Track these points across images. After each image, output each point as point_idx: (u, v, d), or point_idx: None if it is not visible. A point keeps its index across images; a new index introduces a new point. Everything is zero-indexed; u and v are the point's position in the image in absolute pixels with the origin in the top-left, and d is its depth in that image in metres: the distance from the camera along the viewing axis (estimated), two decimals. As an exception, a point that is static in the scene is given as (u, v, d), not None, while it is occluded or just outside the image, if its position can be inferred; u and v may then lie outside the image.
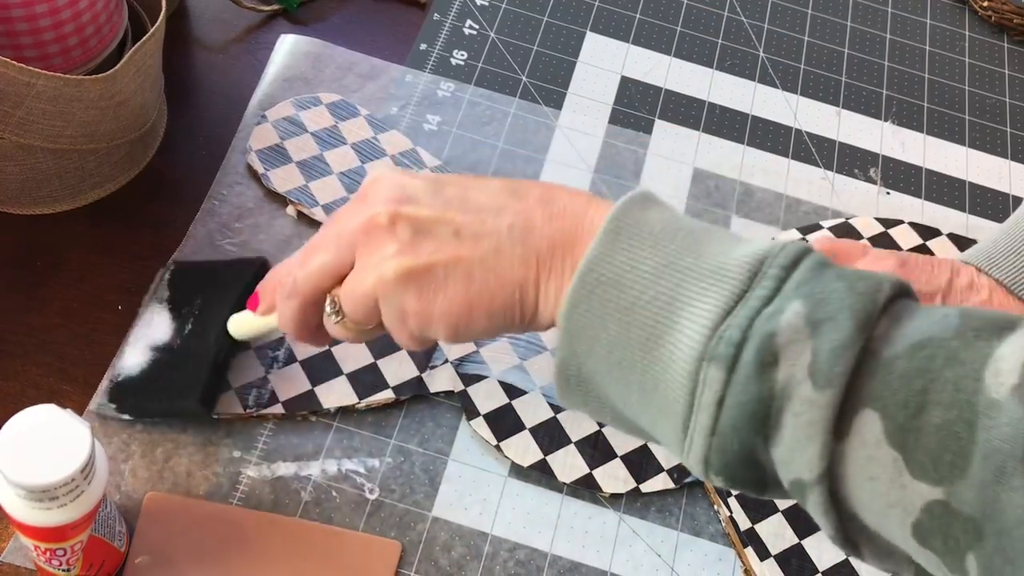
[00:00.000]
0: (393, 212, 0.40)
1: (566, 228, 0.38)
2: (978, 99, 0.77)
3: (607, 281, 0.35)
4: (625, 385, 0.36)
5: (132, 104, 0.56)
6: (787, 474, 0.33)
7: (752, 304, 0.33)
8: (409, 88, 0.69)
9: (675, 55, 0.75)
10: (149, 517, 0.50)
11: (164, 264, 0.58)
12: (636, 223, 0.36)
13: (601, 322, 0.35)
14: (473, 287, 0.38)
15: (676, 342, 0.34)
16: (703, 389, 0.33)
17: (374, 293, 0.40)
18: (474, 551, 0.52)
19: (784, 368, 0.32)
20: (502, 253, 0.38)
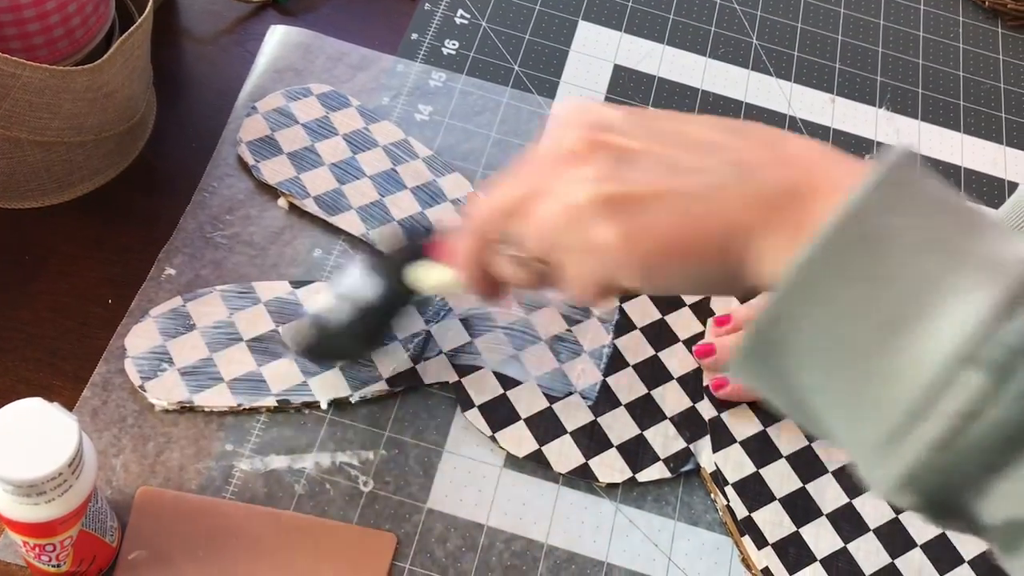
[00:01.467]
0: (592, 139, 0.35)
1: (799, 177, 0.33)
2: (973, 85, 0.77)
3: (863, 240, 0.30)
4: (835, 368, 0.31)
5: (120, 96, 0.56)
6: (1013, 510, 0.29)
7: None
8: (400, 78, 0.68)
9: (668, 43, 0.74)
10: (141, 512, 0.50)
11: (155, 257, 0.57)
12: (912, 184, 0.31)
13: (841, 285, 0.30)
14: (683, 223, 0.33)
15: (933, 332, 0.29)
16: (950, 394, 0.28)
17: (561, 219, 0.35)
18: (470, 542, 0.51)
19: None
20: (721, 190, 0.33)
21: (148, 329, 0.55)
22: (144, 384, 0.53)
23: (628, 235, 0.34)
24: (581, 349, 0.58)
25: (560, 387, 0.56)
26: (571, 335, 0.58)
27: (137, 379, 0.53)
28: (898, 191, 0.31)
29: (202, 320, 0.55)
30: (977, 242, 0.31)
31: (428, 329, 0.57)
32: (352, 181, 0.62)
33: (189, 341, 0.54)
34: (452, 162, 0.64)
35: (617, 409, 0.56)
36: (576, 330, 0.59)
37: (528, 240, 0.37)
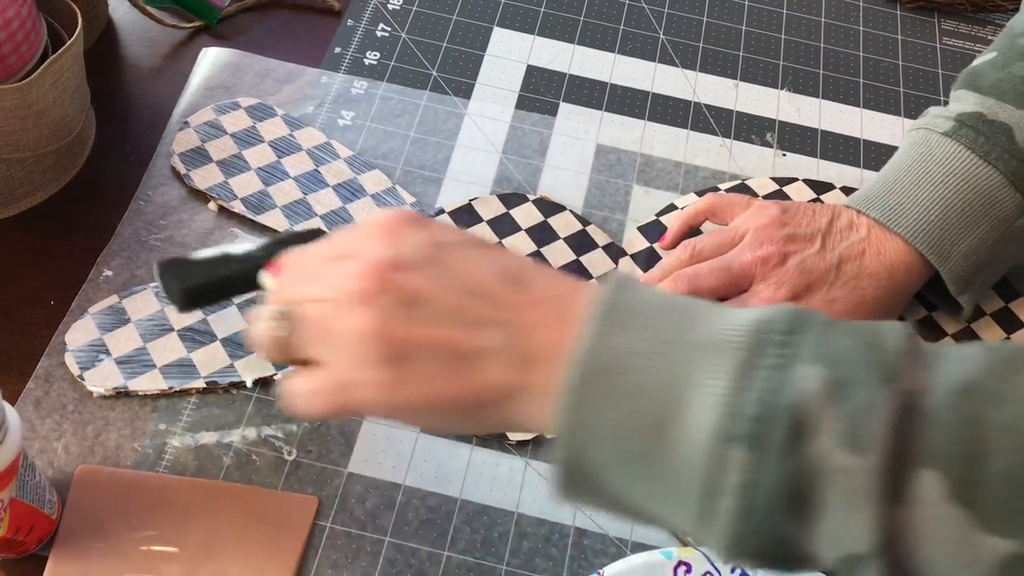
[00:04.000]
0: (383, 279, 0.37)
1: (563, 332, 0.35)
2: (872, 63, 0.81)
3: (605, 367, 0.33)
4: (634, 476, 0.34)
5: (52, 114, 0.61)
6: (835, 551, 0.31)
7: (764, 374, 0.31)
8: (324, 88, 0.73)
9: (579, 43, 0.79)
10: (80, 487, 0.54)
11: (94, 262, 0.62)
12: (626, 303, 0.35)
13: (603, 414, 0.33)
14: (451, 381, 0.35)
15: (689, 424, 0.32)
16: (726, 472, 0.31)
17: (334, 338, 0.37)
18: (387, 501, 0.55)
19: (816, 439, 0.30)
20: (495, 354, 0.35)
21: (87, 325, 0.59)
22: (83, 374, 0.57)
23: (391, 380, 0.36)
24: (493, 322, 0.62)
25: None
26: (484, 310, 0.63)
27: (76, 370, 0.57)
28: (617, 315, 0.34)
29: (136, 314, 0.60)
30: (699, 330, 0.34)
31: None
32: (277, 183, 0.66)
33: (124, 333, 0.59)
34: (373, 161, 0.69)
35: (527, 374, 0.60)
36: (488, 305, 0.63)
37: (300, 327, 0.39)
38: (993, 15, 0.86)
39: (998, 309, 0.66)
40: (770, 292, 0.58)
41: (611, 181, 0.70)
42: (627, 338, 0.34)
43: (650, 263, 0.65)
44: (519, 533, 0.55)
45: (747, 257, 0.59)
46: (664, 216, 0.68)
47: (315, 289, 0.40)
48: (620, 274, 0.37)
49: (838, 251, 0.60)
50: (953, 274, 0.59)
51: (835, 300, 0.58)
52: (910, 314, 0.65)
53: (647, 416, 0.33)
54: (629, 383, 0.33)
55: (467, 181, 0.69)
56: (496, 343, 0.36)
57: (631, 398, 0.33)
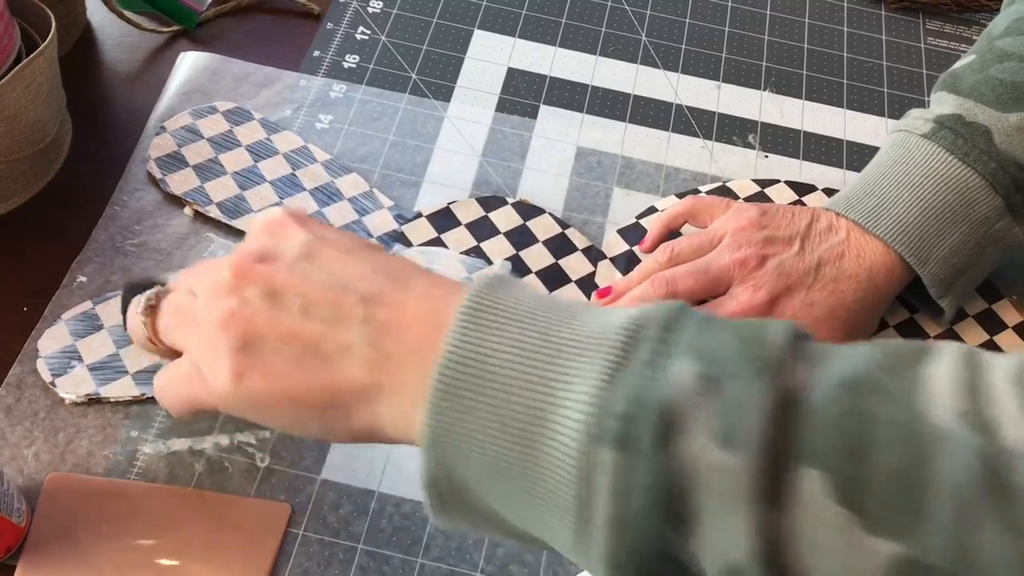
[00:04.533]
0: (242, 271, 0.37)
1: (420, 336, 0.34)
2: (856, 64, 0.81)
3: (472, 370, 0.31)
4: (508, 489, 0.31)
5: (24, 119, 0.60)
6: (715, 561, 0.29)
7: (635, 370, 0.30)
8: (303, 92, 0.73)
9: (560, 45, 0.79)
10: (50, 495, 0.53)
11: (67, 269, 0.62)
12: (497, 303, 0.33)
13: (472, 417, 0.31)
14: (295, 374, 0.34)
15: (558, 426, 0.30)
16: (596, 476, 0.29)
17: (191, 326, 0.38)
18: (361, 507, 0.55)
19: (687, 437, 0.28)
20: (351, 352, 0.34)
21: (59, 331, 0.59)
22: (55, 380, 0.57)
23: (241, 371, 0.35)
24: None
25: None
26: (461, 315, 0.62)
27: (48, 376, 0.57)
28: (486, 315, 0.32)
29: (110, 320, 0.59)
30: (571, 329, 0.32)
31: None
32: (253, 187, 0.66)
33: (97, 340, 0.58)
34: (350, 164, 0.69)
35: (503, 379, 0.60)
36: (465, 310, 0.62)
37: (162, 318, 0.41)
38: (978, 15, 0.86)
39: (981, 311, 0.65)
40: (748, 295, 0.58)
41: (591, 184, 0.70)
42: (494, 338, 0.32)
43: (630, 266, 0.65)
44: (494, 539, 0.54)
45: (725, 260, 0.59)
46: (644, 219, 0.68)
47: (188, 281, 0.41)
48: (493, 273, 0.35)
49: (817, 253, 0.59)
50: (933, 277, 0.59)
51: (814, 303, 0.58)
52: (891, 317, 0.64)
53: (514, 420, 0.30)
54: (495, 386, 0.31)
55: (446, 184, 0.69)
56: (355, 339, 0.34)
57: (497, 402, 0.31)
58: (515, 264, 0.64)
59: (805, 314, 0.58)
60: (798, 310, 0.58)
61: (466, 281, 0.37)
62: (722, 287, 0.59)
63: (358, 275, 0.37)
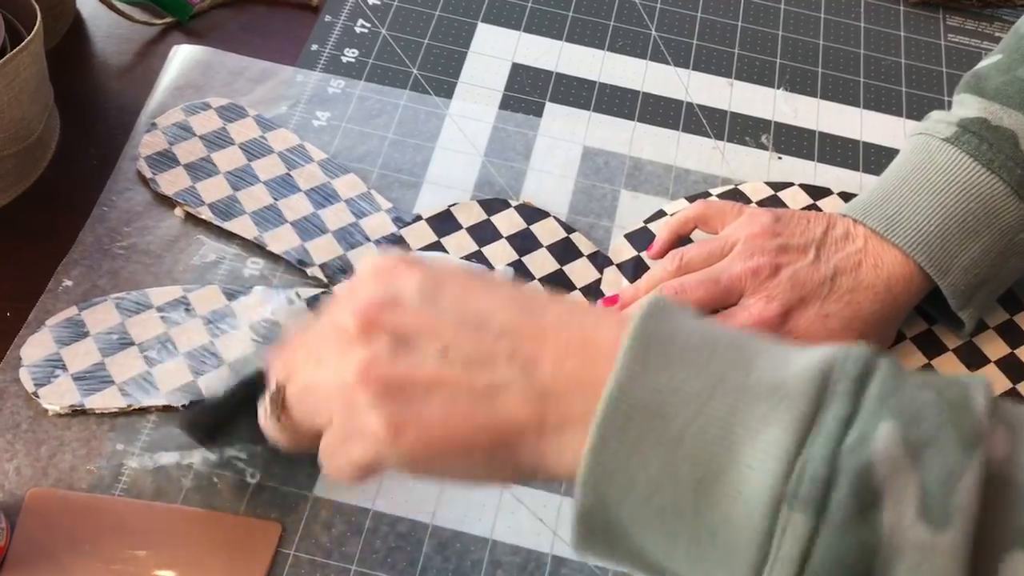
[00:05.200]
0: (368, 320, 0.34)
1: (579, 368, 0.32)
2: (873, 62, 0.78)
3: (643, 409, 0.29)
4: (671, 535, 0.30)
5: (8, 116, 0.58)
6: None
7: (830, 429, 0.28)
8: (299, 88, 0.70)
9: (567, 39, 0.76)
10: (30, 513, 0.51)
11: (53, 272, 0.59)
12: (668, 336, 0.31)
13: (639, 460, 0.29)
14: (455, 418, 0.32)
15: (740, 482, 0.28)
16: (782, 539, 0.27)
17: (328, 395, 0.34)
18: (355, 527, 0.52)
19: (890, 509, 0.27)
20: (506, 389, 0.32)
21: (43, 339, 0.56)
22: (38, 390, 0.54)
23: (395, 422, 0.33)
24: (471, 336, 0.59)
25: (448, 373, 0.58)
26: (461, 323, 0.60)
27: (31, 386, 0.54)
28: (659, 347, 0.30)
29: (96, 327, 0.57)
30: (752, 372, 0.30)
31: (318, 324, 0.58)
32: (246, 187, 0.63)
33: (82, 348, 0.56)
34: (348, 164, 0.66)
35: (504, 392, 0.57)
36: (466, 318, 0.60)
37: (293, 404, 0.37)
38: (1001, 11, 0.83)
39: (1002, 322, 0.63)
40: (760, 306, 0.55)
41: (598, 185, 0.67)
42: (669, 376, 0.30)
43: (637, 273, 0.62)
44: (493, 561, 0.52)
45: (737, 269, 0.56)
46: (653, 223, 0.65)
47: (301, 355, 0.37)
48: (657, 299, 0.32)
49: (833, 263, 0.57)
50: (954, 288, 0.56)
51: (828, 315, 0.55)
52: (909, 328, 0.62)
53: (695, 467, 0.29)
54: (671, 428, 0.29)
55: (447, 185, 0.66)
56: (507, 376, 0.32)
57: (668, 445, 0.29)
58: (518, 270, 0.62)
59: (820, 326, 0.55)
60: (812, 322, 0.55)
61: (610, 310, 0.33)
62: (733, 297, 0.57)
63: (488, 310, 0.34)
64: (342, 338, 0.35)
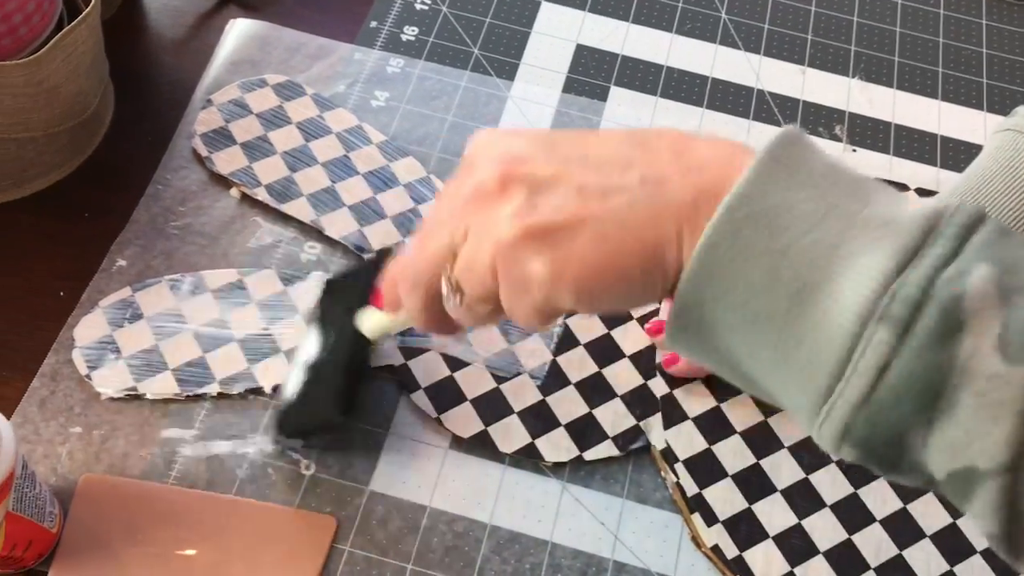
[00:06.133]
0: (503, 173, 0.36)
1: (709, 180, 0.33)
2: (953, 51, 0.74)
3: (759, 218, 0.31)
4: (758, 339, 0.32)
5: (65, 91, 0.56)
6: (951, 461, 0.29)
7: (931, 262, 0.29)
8: (358, 66, 0.68)
9: (633, 21, 0.73)
10: (83, 498, 0.50)
11: (107, 251, 0.58)
12: (796, 159, 0.32)
13: (744, 265, 0.31)
14: (606, 246, 0.34)
15: (837, 295, 0.30)
16: (864, 352, 0.29)
17: (492, 261, 0.36)
18: (412, 524, 0.51)
19: (970, 338, 0.29)
20: (635, 209, 0.34)
21: (97, 320, 0.55)
22: (91, 374, 0.53)
23: (555, 264, 0.34)
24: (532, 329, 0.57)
25: (508, 367, 0.56)
26: (522, 315, 0.58)
27: (84, 369, 0.53)
28: (785, 168, 0.32)
29: (150, 309, 0.56)
30: (868, 206, 0.31)
31: (375, 313, 0.57)
32: (304, 168, 0.62)
33: (136, 330, 0.55)
34: (407, 147, 0.64)
35: (566, 388, 0.55)
36: (527, 310, 0.58)
37: (467, 286, 0.38)
38: (1088, -1, 0.79)
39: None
40: None
41: (664, 175, 0.65)
42: (789, 195, 0.31)
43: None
44: (553, 565, 0.50)
45: None
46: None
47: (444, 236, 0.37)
48: (792, 128, 0.34)
49: None
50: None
51: None
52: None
53: (789, 278, 0.31)
54: (779, 240, 0.31)
55: (508, 171, 0.64)
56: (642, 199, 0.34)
57: (777, 256, 0.31)
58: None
59: None
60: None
61: None
62: None
63: (606, 150, 0.36)
64: (483, 201, 0.36)
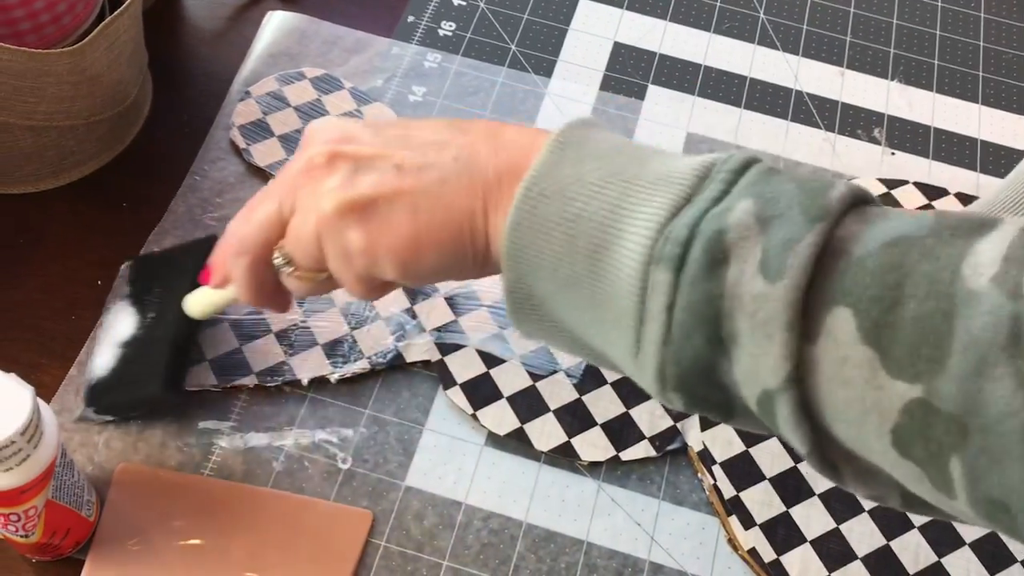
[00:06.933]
0: (331, 151, 0.39)
1: (513, 158, 0.37)
2: (993, 55, 0.74)
3: (551, 194, 0.34)
4: (575, 303, 0.35)
5: (106, 79, 0.56)
6: (752, 388, 0.32)
7: (699, 205, 0.32)
8: (395, 60, 0.68)
9: (671, 19, 0.73)
10: (120, 487, 0.50)
11: (145, 241, 0.58)
12: (582, 140, 0.36)
13: (545, 237, 0.34)
14: (419, 218, 0.37)
15: (622, 247, 0.33)
16: (652, 295, 0.32)
17: (317, 231, 0.38)
18: (447, 520, 0.51)
19: (735, 266, 0.31)
20: (447, 183, 0.37)
21: (134, 309, 0.55)
22: (129, 363, 0.53)
23: (372, 235, 0.37)
24: (568, 327, 0.57)
25: (545, 365, 0.56)
26: (558, 313, 0.57)
27: (122, 358, 0.53)
28: (573, 148, 0.35)
29: (187, 300, 0.56)
30: (647, 167, 0.34)
31: (412, 308, 0.56)
32: (341, 162, 0.61)
33: (174, 321, 0.55)
34: (444, 142, 0.64)
35: (603, 387, 0.55)
36: (564, 308, 0.58)
37: (296, 256, 0.40)
38: None
39: None
40: None
41: (701, 175, 0.64)
42: (578, 169, 0.35)
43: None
44: (588, 565, 0.50)
45: None
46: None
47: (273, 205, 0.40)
48: (581, 116, 0.38)
49: None
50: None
51: None
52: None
53: (588, 240, 0.33)
54: (573, 209, 0.34)
55: (545, 168, 0.64)
56: (453, 174, 0.37)
57: (573, 223, 0.34)
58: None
59: None
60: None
61: None
62: None
63: (428, 134, 0.39)
64: (311, 175, 0.39)
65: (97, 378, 0.52)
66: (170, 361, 0.51)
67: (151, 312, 0.53)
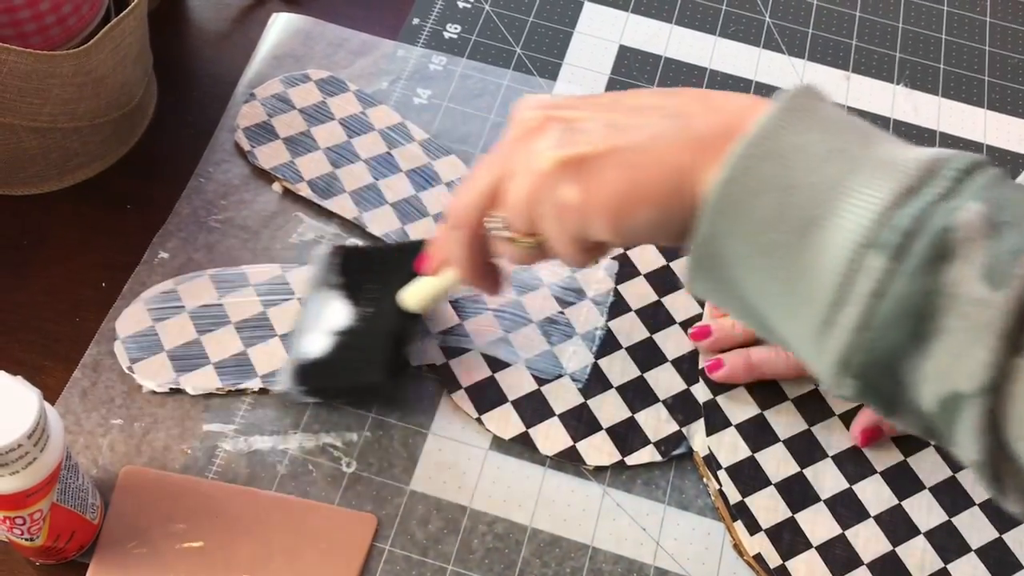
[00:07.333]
0: (544, 115, 0.39)
1: (727, 119, 0.36)
2: (999, 59, 0.74)
3: (771, 156, 0.34)
4: (767, 272, 0.34)
5: (112, 81, 0.56)
6: (939, 388, 0.31)
7: (926, 198, 0.31)
8: (400, 63, 0.68)
9: (676, 22, 0.73)
10: (124, 491, 0.50)
11: (149, 243, 0.58)
12: (811, 108, 0.35)
13: (756, 199, 0.33)
14: (632, 174, 0.37)
15: (837, 226, 0.32)
16: (860, 279, 0.31)
17: (532, 191, 0.39)
18: (452, 525, 0.51)
19: (957, 266, 0.30)
20: (659, 139, 0.37)
21: (138, 312, 0.55)
22: (132, 366, 0.53)
23: (587, 191, 0.37)
24: (573, 331, 0.57)
25: (550, 369, 0.55)
26: (564, 317, 0.57)
27: (126, 361, 0.53)
28: (800, 115, 0.35)
29: (192, 303, 0.55)
30: (873, 149, 0.34)
31: (417, 311, 0.56)
32: (346, 165, 0.61)
33: (178, 324, 0.55)
34: (449, 145, 0.64)
35: (608, 392, 0.55)
36: (569, 312, 0.58)
37: (512, 219, 0.40)
38: None
39: None
40: None
41: (707, 179, 0.64)
42: (802, 137, 0.34)
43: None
44: (594, 570, 0.50)
45: None
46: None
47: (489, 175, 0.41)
48: (809, 84, 0.36)
49: None
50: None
51: None
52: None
53: (797, 211, 0.33)
54: (790, 177, 0.33)
55: (550, 172, 0.63)
56: (666, 130, 0.37)
57: (787, 191, 0.33)
58: (620, 259, 0.59)
59: None
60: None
61: None
62: None
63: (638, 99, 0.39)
64: (526, 138, 0.39)
65: (311, 361, 0.53)
66: (390, 351, 0.52)
67: (366, 305, 0.54)
